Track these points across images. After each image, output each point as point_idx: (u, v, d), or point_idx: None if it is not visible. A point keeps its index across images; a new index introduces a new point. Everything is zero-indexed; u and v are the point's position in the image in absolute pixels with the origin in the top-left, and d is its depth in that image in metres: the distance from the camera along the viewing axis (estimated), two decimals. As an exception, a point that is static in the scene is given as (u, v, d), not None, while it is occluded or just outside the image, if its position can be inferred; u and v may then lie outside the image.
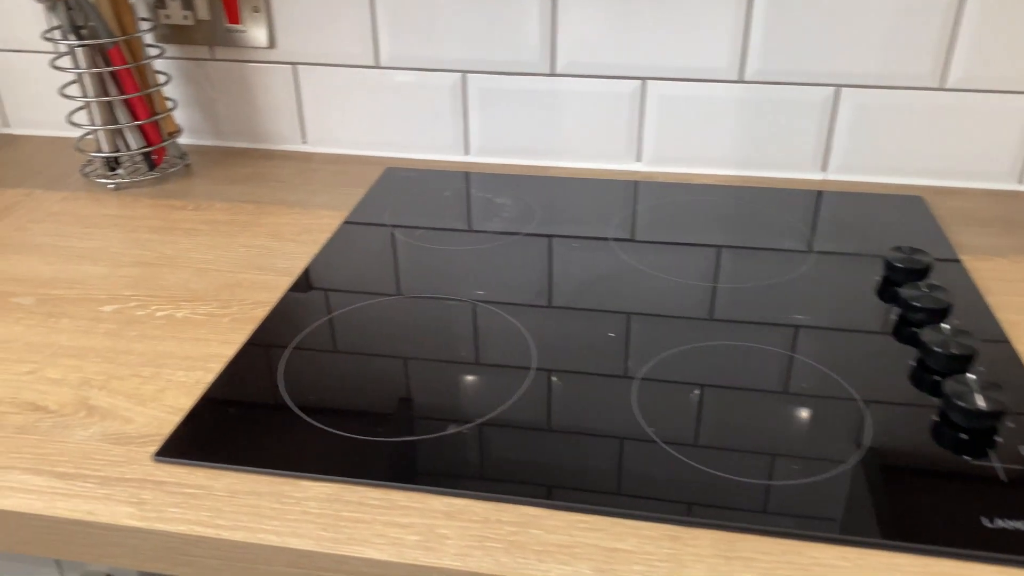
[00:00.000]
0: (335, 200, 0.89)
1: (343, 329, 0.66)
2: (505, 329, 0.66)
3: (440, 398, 0.58)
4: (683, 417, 0.56)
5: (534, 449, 0.53)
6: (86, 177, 0.93)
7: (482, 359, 0.62)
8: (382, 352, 0.63)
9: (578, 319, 0.67)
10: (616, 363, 0.62)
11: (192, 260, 0.77)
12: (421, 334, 0.66)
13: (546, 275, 0.74)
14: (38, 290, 0.72)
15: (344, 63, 0.95)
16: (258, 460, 0.52)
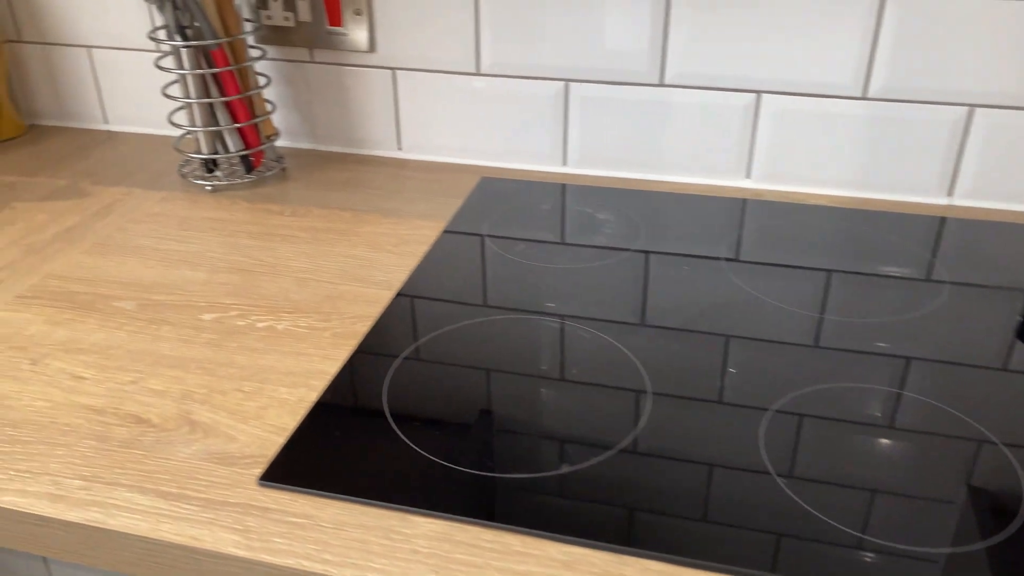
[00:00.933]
0: (431, 210, 0.87)
1: (444, 350, 0.64)
2: (614, 357, 0.63)
3: (556, 430, 0.55)
4: (824, 463, 0.52)
5: (656, 492, 0.50)
6: (184, 178, 0.93)
7: (594, 389, 0.59)
8: (486, 377, 0.61)
9: (688, 346, 0.63)
10: (743, 395, 0.58)
11: (292, 269, 0.76)
12: (529, 359, 0.63)
13: (656, 297, 0.70)
14: (140, 295, 0.72)
15: (444, 69, 0.93)
16: (365, 490, 0.50)
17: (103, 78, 1.05)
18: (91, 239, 0.81)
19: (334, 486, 0.51)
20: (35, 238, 0.81)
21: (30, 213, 0.86)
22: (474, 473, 0.52)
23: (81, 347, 0.65)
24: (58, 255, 0.78)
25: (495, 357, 0.63)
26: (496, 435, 0.55)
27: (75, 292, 0.72)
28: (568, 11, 0.86)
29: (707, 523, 0.48)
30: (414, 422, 0.56)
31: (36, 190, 0.91)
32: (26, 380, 0.61)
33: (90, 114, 1.07)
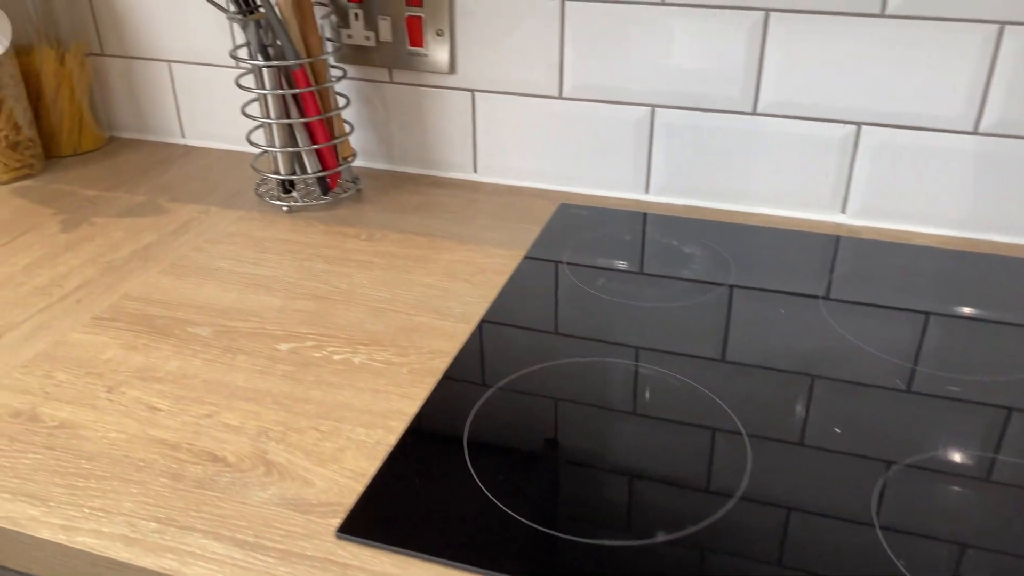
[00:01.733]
0: (508, 237, 0.84)
1: (526, 394, 0.61)
2: (708, 407, 0.59)
3: (653, 488, 0.52)
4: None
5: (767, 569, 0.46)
6: (260, 197, 0.92)
7: (689, 444, 0.55)
8: (571, 425, 0.58)
9: (780, 393, 0.59)
10: (853, 448, 0.54)
11: (368, 297, 0.74)
12: (618, 406, 0.59)
13: (750, 338, 0.66)
14: (215, 320, 0.71)
15: (524, 91, 0.90)
16: (448, 549, 0.48)
17: (182, 93, 1.05)
18: (168, 259, 0.81)
19: (416, 542, 0.48)
20: (112, 256, 0.81)
21: (108, 229, 0.86)
22: (564, 538, 0.49)
23: (157, 375, 0.64)
24: (135, 274, 0.78)
25: (580, 403, 0.60)
26: (587, 491, 0.52)
27: (152, 316, 0.71)
28: (656, 34, 0.83)
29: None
30: (497, 474, 0.53)
31: (114, 205, 0.92)
32: (102, 409, 0.60)
33: (169, 128, 1.08)
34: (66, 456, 0.56)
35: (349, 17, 0.92)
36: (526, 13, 0.86)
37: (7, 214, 0.90)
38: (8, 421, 0.59)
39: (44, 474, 0.54)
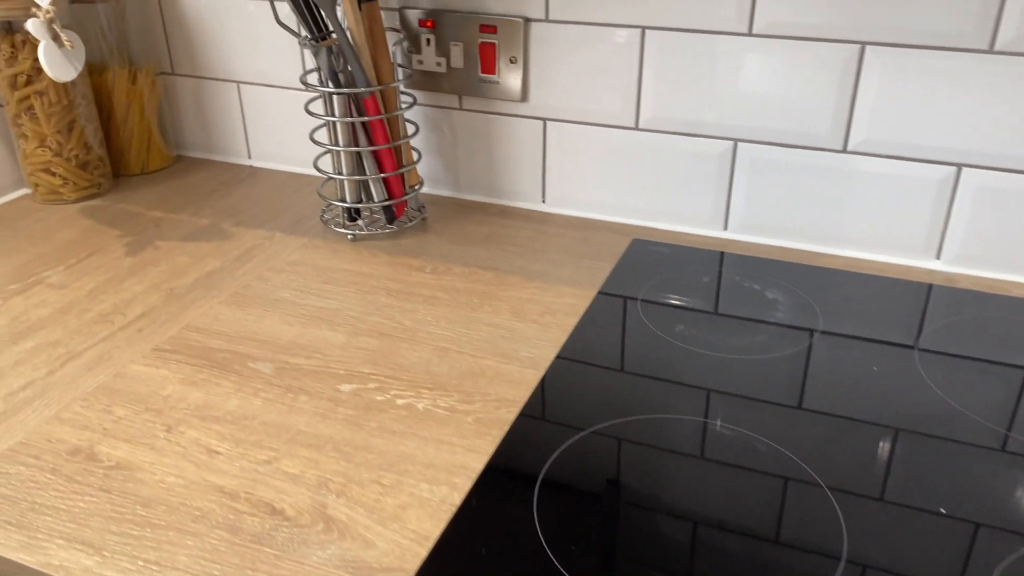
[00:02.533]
0: (578, 274, 0.80)
1: (598, 454, 0.57)
2: (797, 473, 0.55)
3: (722, 557, 0.48)
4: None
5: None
6: (325, 224, 0.91)
7: (784, 529, 0.51)
8: (649, 491, 0.54)
9: (873, 451, 0.55)
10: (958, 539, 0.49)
11: (432, 336, 0.71)
12: (696, 469, 0.55)
13: (840, 395, 0.62)
14: (277, 356, 0.69)
15: (599, 121, 0.87)
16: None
17: (250, 114, 1.04)
18: (231, 287, 0.79)
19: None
20: (176, 283, 0.80)
21: (172, 254, 0.85)
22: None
23: (216, 415, 0.62)
24: (197, 304, 0.77)
25: (659, 466, 0.56)
26: (663, 560, 0.48)
27: (213, 349, 0.70)
28: (741, 65, 0.79)
29: None
30: (569, 544, 0.50)
31: (179, 228, 0.91)
32: (160, 450, 0.58)
33: (235, 149, 1.07)
34: (122, 500, 0.54)
35: (421, 43, 0.90)
36: (603, 42, 0.83)
37: (75, 234, 0.90)
38: (66, 459, 0.58)
39: (99, 520, 0.52)
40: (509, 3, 0.85)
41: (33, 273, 0.82)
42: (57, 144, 0.94)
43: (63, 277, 0.81)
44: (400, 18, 0.90)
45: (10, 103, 0.92)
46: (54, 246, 0.87)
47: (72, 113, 0.94)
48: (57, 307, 0.76)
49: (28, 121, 0.93)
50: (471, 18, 0.87)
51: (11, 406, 0.63)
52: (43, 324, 0.74)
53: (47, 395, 0.65)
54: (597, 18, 0.83)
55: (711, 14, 0.78)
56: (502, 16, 0.86)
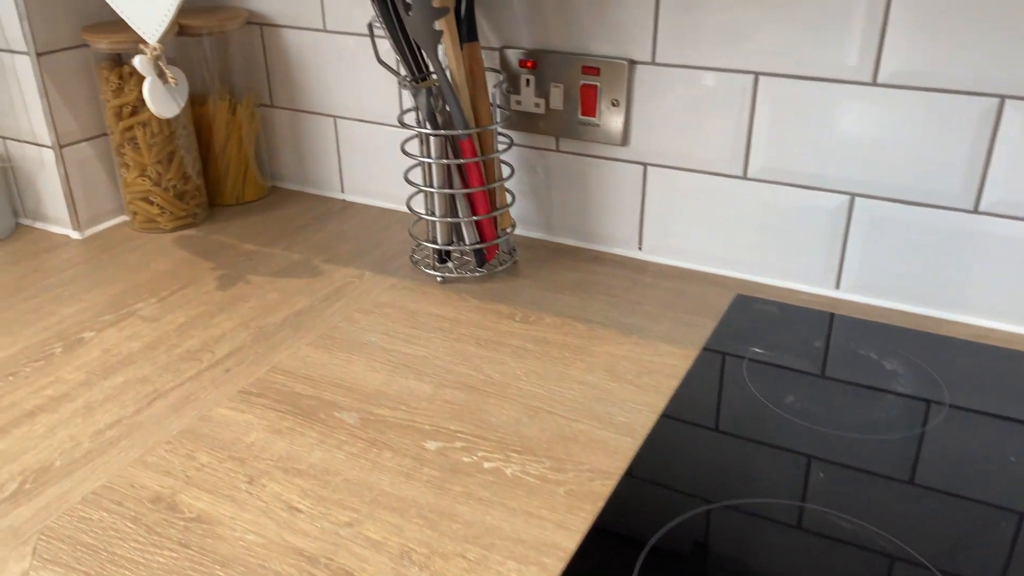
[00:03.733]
0: (677, 331, 0.76)
1: (709, 540, 0.53)
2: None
3: None
4: None
5: None
6: (414, 265, 0.89)
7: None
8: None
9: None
10: None
11: (522, 392, 0.68)
12: (822, 567, 0.50)
13: (974, 484, 0.56)
14: (362, 405, 0.67)
15: (704, 169, 0.83)
16: None
17: (345, 148, 1.04)
18: (319, 328, 0.78)
19: None
20: (265, 321, 0.79)
21: (263, 290, 0.85)
22: None
23: (299, 467, 0.60)
24: (285, 344, 0.75)
25: (765, 553, 0.51)
26: None
27: (299, 394, 0.68)
28: (863, 117, 0.74)
29: None
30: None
31: (271, 263, 0.90)
32: (242, 503, 0.57)
33: (329, 182, 1.07)
34: (201, 557, 0.52)
35: (520, 83, 0.87)
36: (713, 87, 0.79)
37: (169, 265, 0.90)
38: (148, 507, 0.57)
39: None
40: (614, 44, 0.82)
41: (127, 304, 0.82)
42: (156, 174, 0.95)
43: (155, 310, 0.81)
44: (500, 58, 0.88)
45: (114, 133, 0.94)
46: (148, 276, 0.88)
47: (172, 144, 0.95)
48: (147, 341, 0.76)
49: (130, 151, 0.94)
50: (573, 59, 0.84)
51: (98, 445, 0.63)
52: (133, 359, 0.74)
53: (133, 435, 0.64)
54: (707, 62, 0.79)
55: (831, 62, 0.74)
56: (606, 58, 0.83)
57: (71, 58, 0.93)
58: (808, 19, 0.73)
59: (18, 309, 0.82)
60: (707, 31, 0.78)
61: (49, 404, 0.68)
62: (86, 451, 0.62)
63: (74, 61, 0.93)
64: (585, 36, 0.83)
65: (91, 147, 0.97)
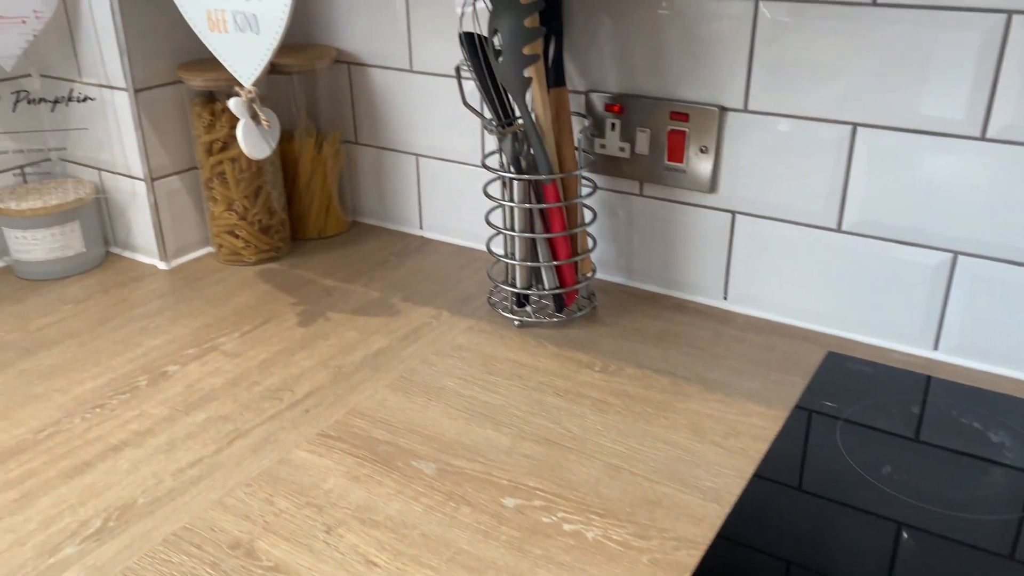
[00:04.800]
0: (765, 389, 0.73)
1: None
2: None
3: None
4: None
5: None
6: (492, 307, 0.88)
7: None
8: None
9: None
10: None
11: (602, 449, 0.66)
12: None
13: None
14: (440, 455, 0.66)
15: (796, 220, 0.80)
16: None
17: (426, 186, 1.04)
18: (397, 370, 0.77)
19: None
20: (344, 360, 0.79)
21: (342, 328, 0.85)
22: None
23: (377, 518, 0.59)
24: (363, 385, 0.75)
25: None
26: None
27: (376, 440, 0.68)
28: (969, 172, 0.70)
29: None
30: None
31: (350, 300, 0.91)
32: (319, 553, 0.56)
33: (408, 218, 1.07)
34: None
35: (605, 127, 0.86)
36: (807, 136, 0.76)
37: (251, 299, 0.91)
38: (227, 552, 0.56)
39: (254, 631, 0.50)
40: (704, 90, 0.80)
41: (210, 338, 0.84)
42: (243, 208, 0.97)
43: (237, 344, 0.82)
44: (586, 102, 0.87)
45: (204, 167, 0.96)
46: (231, 310, 0.89)
47: (260, 179, 0.97)
48: (229, 377, 0.77)
49: (219, 185, 0.96)
50: (661, 104, 0.83)
51: (180, 484, 0.63)
52: (215, 395, 0.74)
53: (213, 476, 0.64)
54: (802, 111, 0.76)
55: (936, 115, 0.70)
56: (696, 104, 0.81)
57: (166, 94, 0.95)
58: (913, 71, 0.70)
59: (106, 339, 0.84)
60: (803, 79, 0.75)
61: (133, 439, 0.69)
62: (168, 490, 0.63)
63: (168, 97, 0.96)
64: (674, 81, 0.82)
65: (181, 180, 0.99)
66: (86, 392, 0.75)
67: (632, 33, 0.82)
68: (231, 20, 0.69)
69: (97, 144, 0.99)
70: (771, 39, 0.76)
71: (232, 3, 0.68)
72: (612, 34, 0.83)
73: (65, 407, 0.73)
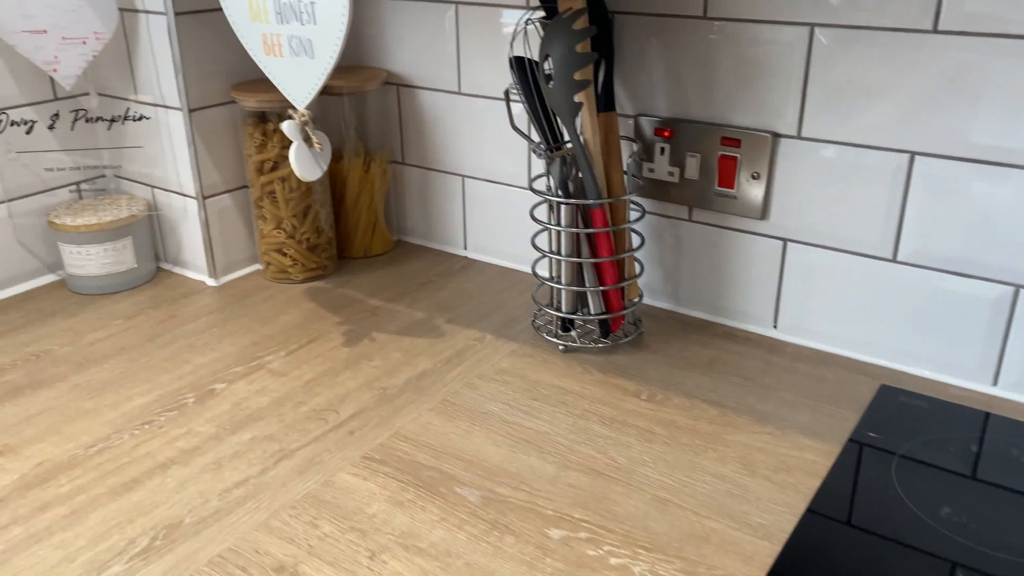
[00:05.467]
0: (817, 423, 0.71)
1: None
2: None
3: None
4: None
5: None
6: (536, 330, 0.87)
7: None
8: None
9: None
10: None
11: (649, 481, 0.65)
12: None
13: None
14: (484, 482, 0.65)
15: (850, 249, 0.78)
16: None
17: (471, 207, 1.04)
18: (440, 393, 0.77)
19: None
20: (388, 382, 0.79)
21: (387, 349, 0.85)
22: None
23: (420, 545, 0.59)
24: (408, 408, 0.75)
25: None
26: None
27: (420, 464, 0.67)
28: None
29: None
30: None
31: (395, 320, 0.91)
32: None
33: (453, 239, 1.08)
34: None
35: (654, 151, 0.85)
36: (863, 164, 0.75)
37: (298, 317, 0.92)
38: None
39: (298, 658, 0.50)
40: (756, 116, 0.79)
41: (256, 356, 0.84)
42: (292, 227, 0.98)
43: (284, 363, 0.83)
44: (635, 126, 0.86)
45: (255, 186, 0.97)
46: (278, 328, 0.90)
47: (309, 199, 0.98)
48: (276, 396, 0.77)
49: (268, 204, 0.97)
50: (712, 130, 0.82)
51: (225, 504, 0.64)
52: (261, 414, 0.75)
53: (259, 496, 0.64)
54: (858, 139, 0.75)
55: (996, 144, 0.68)
56: (748, 129, 0.80)
57: (219, 114, 0.97)
58: (973, 98, 0.69)
59: (155, 356, 0.85)
60: (859, 107, 0.74)
61: (181, 457, 0.69)
62: (214, 510, 0.63)
63: (221, 117, 0.97)
64: (725, 107, 0.81)
65: (231, 198, 1.01)
66: (135, 408, 0.76)
67: (683, 58, 0.82)
68: (287, 45, 0.70)
69: (151, 161, 1.00)
70: (826, 65, 0.74)
71: (288, 28, 0.69)
72: (662, 59, 0.83)
73: (115, 423, 0.74)
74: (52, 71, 0.94)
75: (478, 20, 0.94)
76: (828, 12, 0.73)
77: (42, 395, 0.78)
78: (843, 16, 0.72)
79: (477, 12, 0.93)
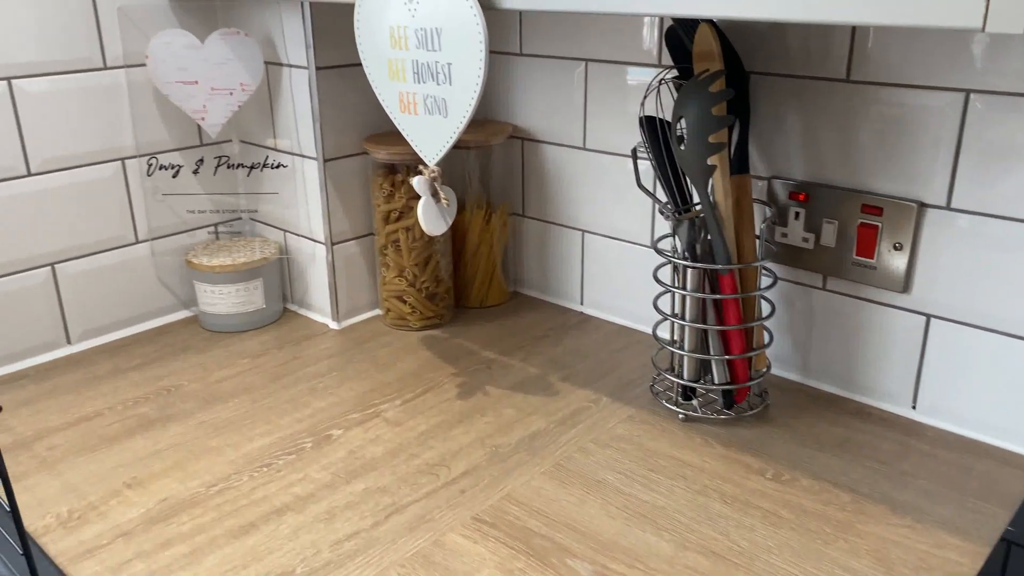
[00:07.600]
0: (962, 518, 0.65)
1: None
2: None
3: None
4: None
5: None
6: (654, 396, 0.85)
7: None
8: None
9: None
10: None
11: (773, 569, 0.61)
12: None
13: None
14: (598, 556, 0.63)
15: (1001, 330, 0.72)
16: None
17: (589, 262, 1.03)
18: (554, 456, 0.75)
19: None
20: (501, 440, 0.78)
21: (500, 405, 0.84)
22: None
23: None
24: (520, 470, 0.74)
25: None
26: None
27: (531, 531, 0.66)
28: None
29: None
30: None
31: (509, 374, 0.90)
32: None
33: (569, 293, 1.06)
34: None
35: (788, 215, 0.82)
36: (1018, 240, 0.69)
37: (414, 365, 0.93)
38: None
39: None
40: (901, 184, 0.75)
41: (373, 404, 0.85)
42: (413, 275, 0.99)
43: (399, 412, 0.83)
44: (768, 189, 0.83)
45: (380, 234, 0.99)
46: (395, 376, 0.90)
47: (431, 248, 0.99)
48: (389, 447, 0.77)
49: (392, 252, 0.99)
50: (852, 196, 0.78)
51: (337, 557, 0.64)
52: (375, 464, 0.75)
53: (369, 551, 0.64)
54: (1013, 212, 0.69)
55: None
56: (891, 198, 0.76)
57: (351, 164, 1.00)
58: None
59: (277, 397, 0.87)
60: (1017, 177, 0.69)
61: (295, 503, 0.70)
62: (325, 562, 0.63)
63: (353, 167, 1.00)
64: (866, 172, 0.77)
65: (357, 245, 1.03)
66: (255, 449, 0.78)
67: (822, 121, 0.78)
68: (422, 103, 0.71)
69: (285, 207, 1.04)
70: (981, 132, 0.70)
71: (424, 88, 0.70)
72: (800, 121, 0.80)
73: (236, 463, 0.76)
74: (200, 119, 0.99)
75: (606, 76, 0.93)
76: (983, 77, 0.68)
77: (171, 430, 0.81)
78: (998, 83, 0.68)
79: (606, 69, 0.93)
